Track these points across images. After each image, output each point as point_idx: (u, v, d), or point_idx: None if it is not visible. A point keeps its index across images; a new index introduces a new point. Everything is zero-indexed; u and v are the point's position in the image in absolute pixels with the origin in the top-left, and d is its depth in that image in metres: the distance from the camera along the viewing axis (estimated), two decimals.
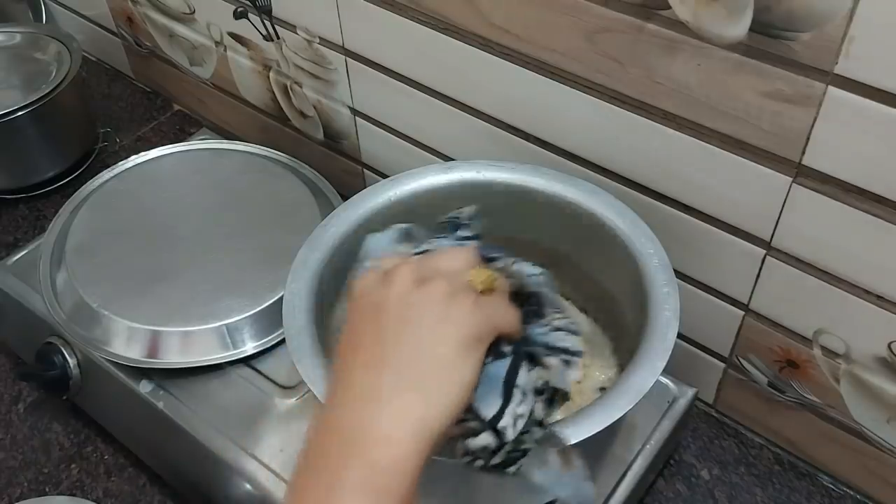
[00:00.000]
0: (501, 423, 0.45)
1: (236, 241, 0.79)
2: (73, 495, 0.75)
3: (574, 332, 0.49)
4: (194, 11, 0.93)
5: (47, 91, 0.94)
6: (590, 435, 0.49)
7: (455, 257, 0.47)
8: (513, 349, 0.46)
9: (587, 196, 0.63)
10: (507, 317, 0.46)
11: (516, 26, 0.64)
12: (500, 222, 0.67)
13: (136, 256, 0.77)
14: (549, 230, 0.66)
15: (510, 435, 0.45)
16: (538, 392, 0.47)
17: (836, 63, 0.50)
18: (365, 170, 0.91)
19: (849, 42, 0.48)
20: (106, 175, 0.87)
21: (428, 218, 0.53)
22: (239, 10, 0.87)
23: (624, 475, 0.64)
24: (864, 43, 0.48)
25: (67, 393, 0.77)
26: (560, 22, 0.61)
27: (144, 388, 0.71)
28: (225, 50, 0.94)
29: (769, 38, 0.51)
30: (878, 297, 0.58)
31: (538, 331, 0.48)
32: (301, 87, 0.88)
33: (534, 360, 0.47)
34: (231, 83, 0.98)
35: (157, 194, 0.85)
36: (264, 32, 0.86)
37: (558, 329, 0.48)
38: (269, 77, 0.91)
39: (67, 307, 0.75)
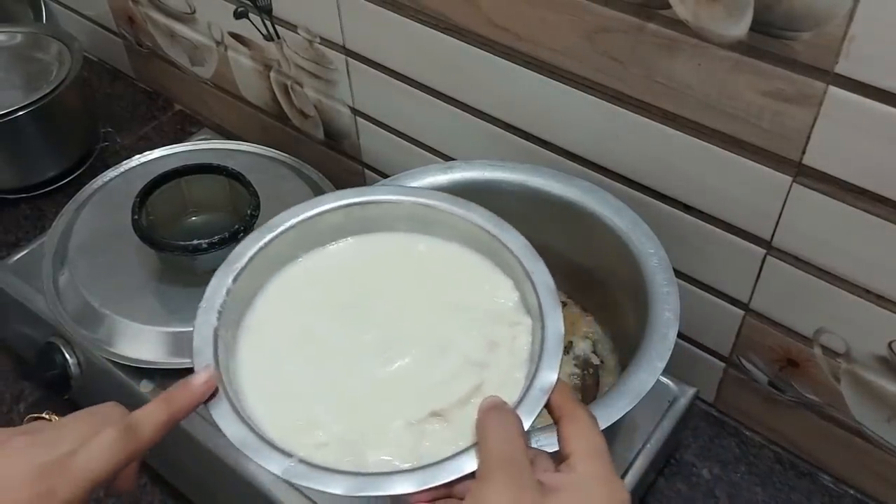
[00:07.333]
0: None
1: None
2: None
3: None
4: (195, 11, 0.93)
5: (48, 91, 0.94)
6: None
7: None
8: None
9: (587, 196, 0.64)
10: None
11: (517, 26, 0.64)
12: None
13: (139, 256, 0.77)
14: (549, 230, 0.66)
15: None
16: None
17: (837, 63, 0.50)
18: (365, 169, 0.91)
19: (849, 42, 0.49)
20: (109, 174, 0.87)
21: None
22: (239, 9, 0.87)
23: (625, 474, 0.64)
24: (864, 43, 0.48)
25: (69, 392, 0.77)
26: (560, 21, 0.61)
27: (145, 387, 0.71)
28: (225, 50, 0.94)
29: (769, 38, 0.51)
30: (878, 296, 0.58)
31: None
32: (302, 86, 0.88)
33: None
34: (232, 83, 0.98)
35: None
36: (265, 32, 0.86)
37: None
38: (269, 77, 0.91)
39: (69, 307, 0.75)
